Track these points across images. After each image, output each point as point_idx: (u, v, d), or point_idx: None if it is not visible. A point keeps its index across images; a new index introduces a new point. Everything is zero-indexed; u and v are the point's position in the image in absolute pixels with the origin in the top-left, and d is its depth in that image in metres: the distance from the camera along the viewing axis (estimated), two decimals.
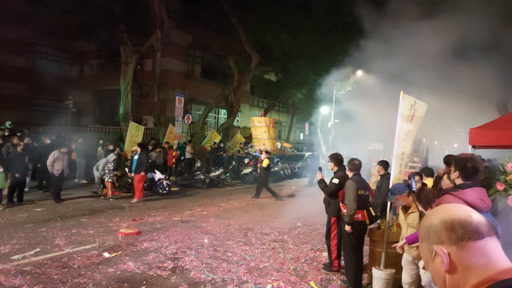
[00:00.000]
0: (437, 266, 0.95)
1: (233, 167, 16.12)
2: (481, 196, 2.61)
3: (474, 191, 2.61)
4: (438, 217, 0.97)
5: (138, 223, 7.40)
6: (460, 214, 0.95)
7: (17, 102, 19.25)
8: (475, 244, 0.91)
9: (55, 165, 9.02)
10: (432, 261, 0.96)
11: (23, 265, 4.77)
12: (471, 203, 2.54)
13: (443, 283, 0.94)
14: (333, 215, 4.94)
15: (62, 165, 9.13)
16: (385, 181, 5.88)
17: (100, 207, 8.90)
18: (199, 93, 21.34)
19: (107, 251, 5.45)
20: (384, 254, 4.18)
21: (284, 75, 22.83)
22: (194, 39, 20.89)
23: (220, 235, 6.74)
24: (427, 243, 0.98)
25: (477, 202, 2.56)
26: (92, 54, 22.02)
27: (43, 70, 21.34)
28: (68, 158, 9.52)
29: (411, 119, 4.66)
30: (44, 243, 5.77)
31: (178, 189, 12.61)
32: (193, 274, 4.74)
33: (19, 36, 18.96)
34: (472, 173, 2.67)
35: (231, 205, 10.08)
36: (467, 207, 1.00)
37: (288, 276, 4.81)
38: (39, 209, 8.32)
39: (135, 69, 15.29)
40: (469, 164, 2.65)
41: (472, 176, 2.68)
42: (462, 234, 0.92)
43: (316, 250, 6.04)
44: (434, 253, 0.95)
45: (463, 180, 2.68)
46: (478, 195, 2.61)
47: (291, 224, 8.01)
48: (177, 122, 15.02)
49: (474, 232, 0.92)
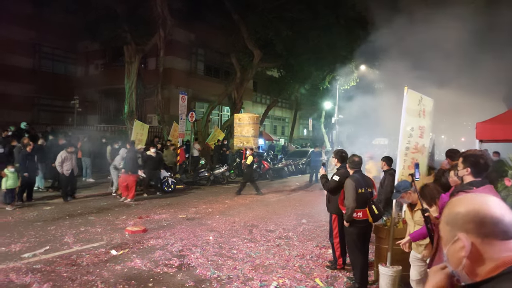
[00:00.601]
0: (456, 250, 0.96)
1: (237, 164, 16.17)
2: (493, 194, 2.62)
3: (487, 189, 2.60)
4: (470, 206, 0.96)
5: (144, 221, 7.49)
6: (493, 211, 0.94)
7: (25, 103, 19.46)
8: (501, 243, 0.91)
9: (64, 165, 9.17)
10: (452, 244, 0.97)
11: (33, 263, 4.86)
12: None
13: (458, 265, 0.96)
14: (334, 212, 4.94)
15: (71, 165, 9.25)
16: (388, 176, 5.86)
17: (107, 205, 9.01)
18: (202, 91, 21.38)
19: (115, 249, 5.54)
20: (390, 251, 4.18)
21: (286, 71, 22.76)
22: (197, 37, 20.90)
23: (225, 232, 6.80)
24: (451, 227, 0.98)
25: None
26: (96, 54, 22.15)
27: (49, 71, 21.55)
28: (76, 158, 9.60)
29: (423, 114, 4.63)
30: (53, 241, 5.87)
31: (183, 186, 12.70)
32: (199, 271, 4.80)
33: (26, 38, 19.14)
34: (483, 170, 2.67)
35: (235, 202, 10.14)
36: (502, 204, 0.98)
37: (294, 273, 4.84)
38: (48, 207, 8.45)
39: (139, 68, 15.37)
40: (482, 161, 2.65)
41: (483, 173, 2.67)
42: (490, 231, 0.91)
43: (321, 247, 6.06)
44: (457, 238, 0.96)
45: (474, 176, 2.67)
46: (491, 193, 2.61)
47: (296, 220, 8.04)
48: (181, 120, 15.09)
49: (503, 232, 0.91)
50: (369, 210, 4.28)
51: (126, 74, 14.95)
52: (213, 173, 13.64)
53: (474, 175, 2.66)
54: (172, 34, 17.46)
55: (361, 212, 4.28)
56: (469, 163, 2.68)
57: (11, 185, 8.00)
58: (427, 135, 4.73)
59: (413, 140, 4.48)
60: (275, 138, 28.28)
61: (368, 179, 4.57)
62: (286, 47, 17.73)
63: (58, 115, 21.72)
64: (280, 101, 30.02)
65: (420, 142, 4.57)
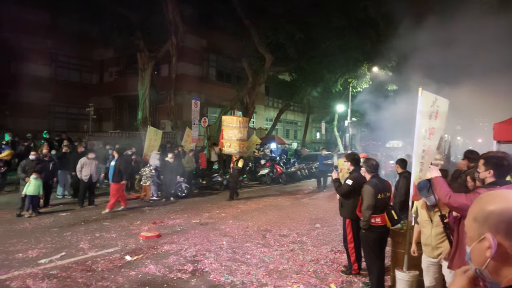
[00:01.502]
0: (481, 249, 0.92)
1: (250, 169, 16.14)
2: None
3: (510, 188, 2.54)
4: (505, 205, 0.91)
5: (159, 226, 7.53)
6: None
7: (41, 110, 20.01)
8: None
9: (83, 170, 9.31)
10: (479, 242, 0.93)
11: (49, 268, 4.93)
12: None
13: (482, 264, 0.92)
14: (347, 217, 4.85)
15: (89, 171, 9.36)
16: (402, 179, 5.73)
17: (121, 211, 9.11)
18: (215, 96, 21.53)
19: (129, 255, 5.57)
20: (407, 255, 4.07)
21: (298, 74, 22.69)
22: (208, 43, 21.11)
23: (239, 237, 6.76)
24: (480, 225, 0.94)
25: None
26: (111, 61, 22.63)
27: (65, 79, 22.13)
28: (96, 164, 9.63)
29: (436, 116, 4.51)
30: (69, 247, 5.95)
31: (197, 191, 12.74)
32: (212, 276, 4.77)
33: (42, 47, 19.73)
34: (507, 171, 2.62)
35: (248, 206, 10.10)
36: None
37: (308, 279, 4.76)
38: (64, 213, 8.60)
39: (152, 74, 15.60)
40: (506, 162, 2.59)
41: (505, 175, 2.63)
42: None
43: (336, 252, 5.96)
44: (483, 237, 0.92)
45: (496, 178, 2.61)
46: None
47: (309, 225, 7.94)
48: (193, 126, 15.19)
49: None
50: (388, 215, 4.15)
51: (140, 81, 15.19)
52: (227, 177, 13.65)
53: (497, 177, 2.59)
54: (184, 41, 17.68)
55: (379, 218, 4.15)
56: (491, 165, 2.60)
57: (31, 192, 8.14)
58: (435, 137, 4.59)
59: (426, 142, 4.37)
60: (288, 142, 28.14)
61: (385, 182, 4.44)
62: (298, 51, 17.69)
63: (74, 122, 22.25)
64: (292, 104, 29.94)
65: (427, 143, 4.45)
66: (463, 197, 2.62)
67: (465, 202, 2.58)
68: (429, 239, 3.44)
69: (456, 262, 2.74)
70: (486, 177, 2.64)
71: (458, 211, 2.71)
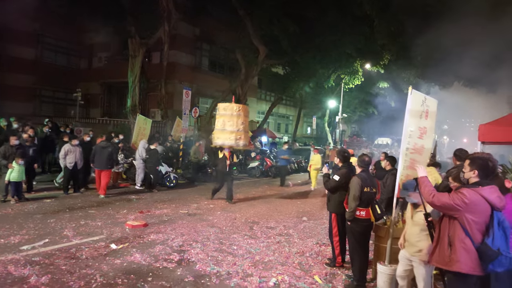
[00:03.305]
0: None
1: (239, 161, 16.14)
2: (498, 194, 2.64)
3: (493, 189, 2.64)
4: None
5: (145, 216, 7.48)
6: None
7: (26, 94, 19.49)
8: None
9: (67, 158, 9.08)
10: None
11: (32, 255, 4.86)
12: (491, 201, 2.55)
13: None
14: (333, 211, 4.93)
15: (74, 158, 9.15)
16: (390, 176, 5.83)
17: (108, 199, 9.01)
18: (207, 86, 21.33)
19: (114, 243, 5.53)
20: (389, 249, 4.16)
21: (291, 68, 22.66)
22: (202, 31, 20.82)
23: (226, 229, 6.78)
24: None
25: (496, 200, 2.59)
26: (100, 46, 22.12)
27: (51, 62, 21.56)
28: (80, 151, 9.40)
29: (426, 115, 4.57)
30: (53, 234, 5.87)
31: (185, 182, 12.69)
32: (198, 266, 4.78)
33: (28, 29, 19.11)
34: (491, 172, 2.71)
35: (237, 198, 10.11)
36: None
37: (293, 270, 4.82)
38: (48, 200, 8.46)
39: (142, 62, 15.32)
40: (491, 164, 2.69)
41: (490, 176, 2.71)
42: None
43: (321, 245, 6.04)
44: None
45: (480, 179, 2.69)
46: (497, 193, 2.63)
47: (297, 218, 8.02)
48: (184, 116, 15.06)
49: None
50: (372, 209, 4.28)
51: (130, 68, 14.91)
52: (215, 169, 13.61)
53: (481, 177, 2.67)
54: (176, 28, 17.40)
55: (364, 211, 4.28)
56: (477, 166, 2.68)
57: (15, 178, 7.94)
58: (428, 136, 4.65)
59: (413, 140, 4.43)
60: (279, 135, 28.21)
61: (374, 179, 4.58)
62: (292, 44, 17.62)
63: (60, 107, 21.79)
64: (284, 98, 29.93)
65: (419, 142, 4.51)
66: (446, 196, 2.69)
67: (448, 201, 2.65)
68: (408, 236, 3.60)
69: (436, 257, 2.82)
70: (470, 177, 2.71)
71: (441, 209, 2.78)
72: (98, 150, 9.29)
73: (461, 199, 2.59)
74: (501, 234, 2.59)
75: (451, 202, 2.62)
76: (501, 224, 2.61)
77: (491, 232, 2.57)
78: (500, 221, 2.61)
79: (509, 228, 2.66)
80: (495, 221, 2.58)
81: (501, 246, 2.57)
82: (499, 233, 2.58)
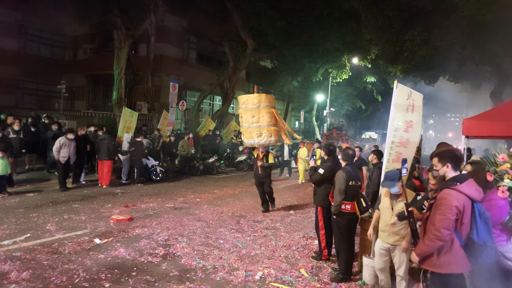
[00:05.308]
0: None
1: (227, 155, 16.10)
2: (476, 188, 2.69)
3: (470, 183, 2.67)
4: None
5: (131, 210, 7.39)
6: None
7: (8, 86, 18.89)
8: None
9: (61, 151, 8.80)
10: None
11: (13, 250, 4.74)
12: (471, 195, 2.59)
13: None
14: (319, 205, 4.97)
15: (68, 152, 8.89)
16: (376, 170, 5.88)
17: (92, 193, 8.86)
18: (194, 79, 21.07)
19: (98, 237, 5.44)
20: (375, 243, 4.21)
21: (279, 62, 22.58)
22: (189, 24, 20.48)
23: (213, 222, 6.76)
24: None
25: (475, 194, 2.64)
26: (85, 38, 21.56)
27: (35, 54, 20.91)
28: (75, 145, 9.12)
29: (412, 109, 4.61)
30: (35, 228, 5.74)
31: (172, 175, 12.58)
32: (184, 261, 4.75)
33: (11, 19, 18.47)
34: (461, 160, 2.78)
35: (224, 192, 10.09)
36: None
37: (279, 264, 4.84)
38: (31, 194, 8.26)
39: (128, 54, 15.00)
40: (458, 153, 2.78)
41: (460, 165, 2.77)
42: None
43: (308, 238, 6.08)
44: None
45: (454, 170, 2.73)
46: (474, 187, 2.68)
47: (284, 211, 8.05)
48: (171, 109, 14.87)
49: None
50: (357, 203, 4.31)
51: (115, 60, 14.58)
52: (203, 162, 13.55)
53: (455, 168, 2.72)
54: (163, 20, 17.07)
55: (349, 205, 4.31)
56: (447, 159, 2.74)
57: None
58: (415, 130, 4.70)
59: (398, 134, 4.48)
60: None
61: (358, 172, 4.61)
62: (280, 38, 17.53)
63: (44, 100, 21.19)
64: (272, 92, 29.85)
65: (405, 136, 4.56)
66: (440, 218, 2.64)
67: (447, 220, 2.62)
68: (387, 226, 3.63)
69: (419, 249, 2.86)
70: (445, 172, 2.74)
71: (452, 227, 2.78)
72: (98, 142, 9.78)
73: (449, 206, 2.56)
74: (484, 226, 2.63)
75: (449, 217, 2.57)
76: (482, 216, 2.65)
77: (474, 226, 2.61)
78: (481, 212, 2.65)
79: (489, 219, 2.71)
80: (477, 213, 2.63)
81: (485, 238, 2.62)
82: (482, 225, 2.62)
